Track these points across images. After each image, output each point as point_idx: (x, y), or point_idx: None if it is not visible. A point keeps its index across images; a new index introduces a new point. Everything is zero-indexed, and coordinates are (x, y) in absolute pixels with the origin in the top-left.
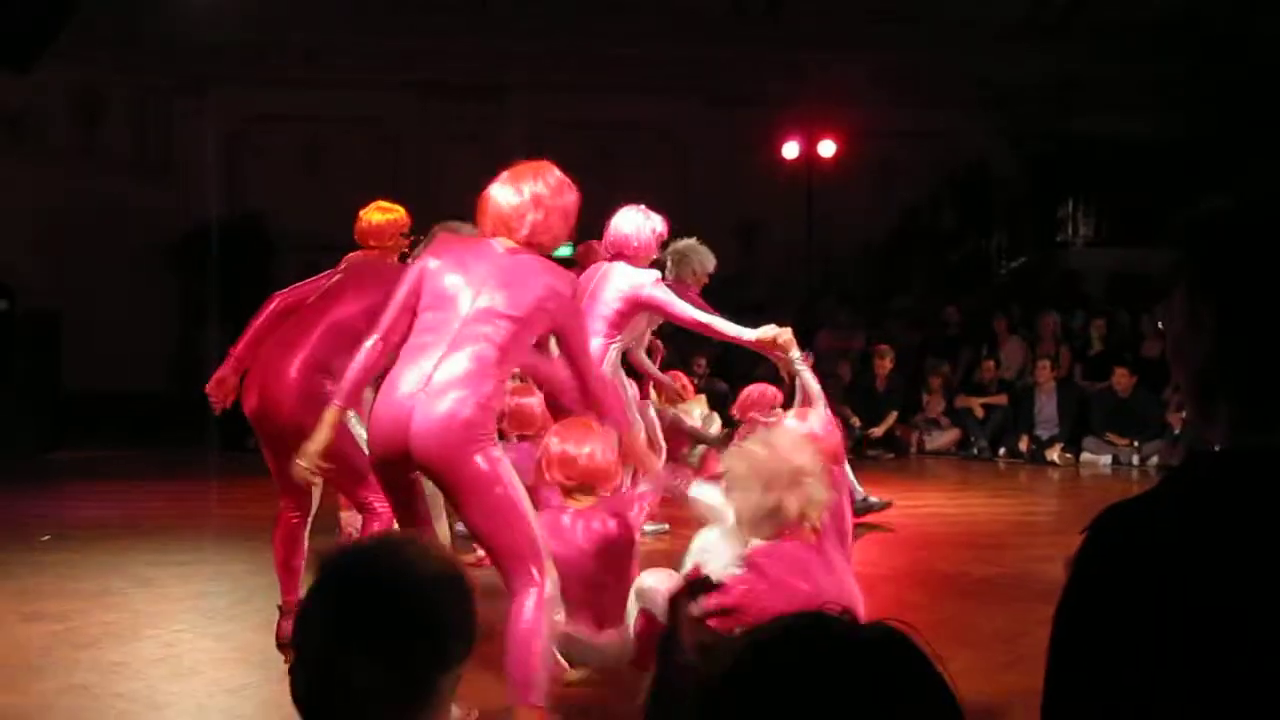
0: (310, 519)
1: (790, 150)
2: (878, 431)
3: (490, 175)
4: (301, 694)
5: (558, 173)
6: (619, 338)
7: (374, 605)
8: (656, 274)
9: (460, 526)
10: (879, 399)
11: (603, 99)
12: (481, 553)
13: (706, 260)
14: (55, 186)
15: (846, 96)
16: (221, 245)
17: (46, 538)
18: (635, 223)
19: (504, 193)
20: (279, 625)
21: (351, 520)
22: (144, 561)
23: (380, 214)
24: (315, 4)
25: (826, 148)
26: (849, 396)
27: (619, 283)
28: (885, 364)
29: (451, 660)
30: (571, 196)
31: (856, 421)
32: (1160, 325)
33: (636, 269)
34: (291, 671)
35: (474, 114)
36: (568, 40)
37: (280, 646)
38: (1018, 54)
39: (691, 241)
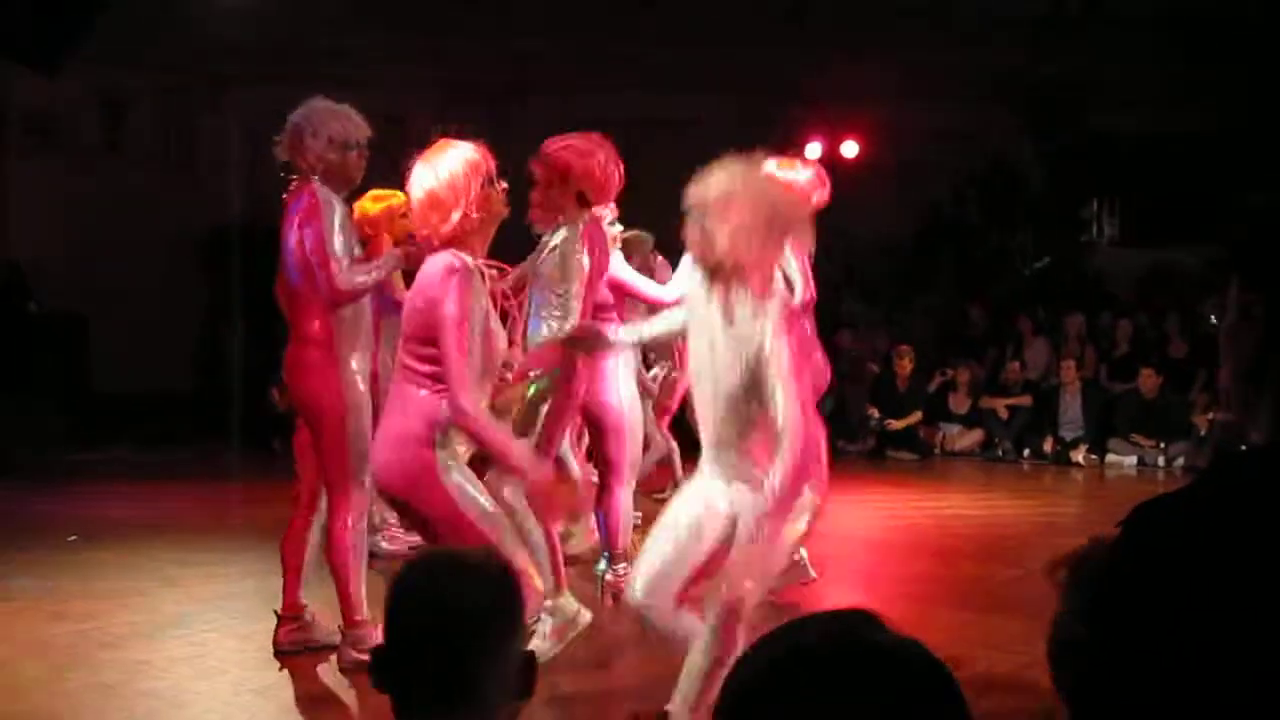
0: (316, 516)
1: (813, 150)
2: (897, 424)
3: (512, 174)
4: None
5: (454, 153)
6: (629, 317)
7: (429, 613)
8: (617, 254)
9: None
10: (901, 399)
11: (624, 98)
12: None
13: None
14: (81, 188)
15: (869, 95)
16: (245, 244)
17: (73, 538)
18: None
19: (411, 183)
20: (276, 631)
21: (381, 510)
22: (170, 561)
23: (374, 203)
24: (337, 4)
25: (849, 148)
26: (872, 395)
27: None
28: (906, 364)
29: (499, 655)
30: (463, 180)
31: (875, 414)
32: (1214, 319)
33: None
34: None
35: (496, 113)
36: (589, 38)
37: (277, 654)
38: (1041, 51)
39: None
